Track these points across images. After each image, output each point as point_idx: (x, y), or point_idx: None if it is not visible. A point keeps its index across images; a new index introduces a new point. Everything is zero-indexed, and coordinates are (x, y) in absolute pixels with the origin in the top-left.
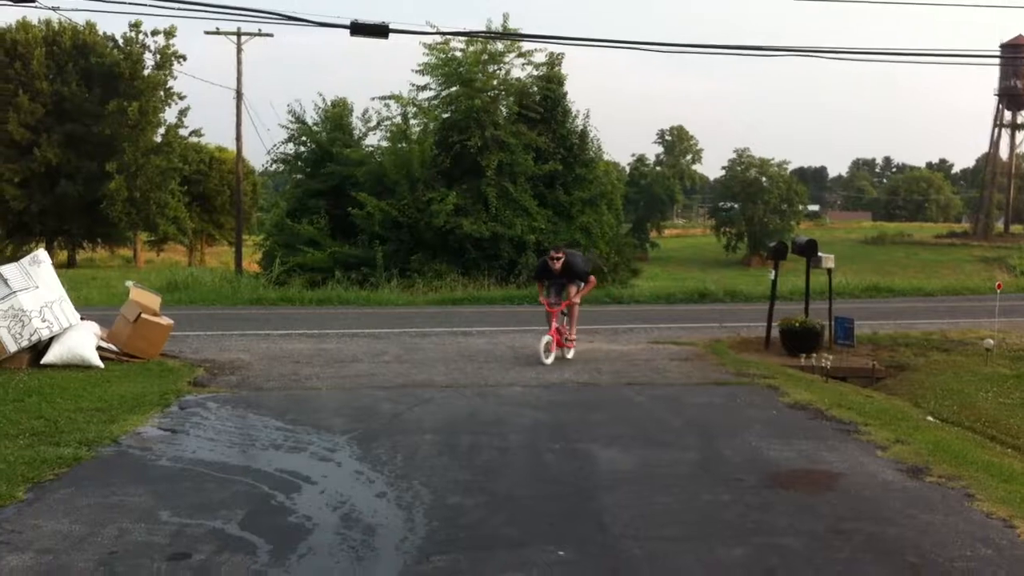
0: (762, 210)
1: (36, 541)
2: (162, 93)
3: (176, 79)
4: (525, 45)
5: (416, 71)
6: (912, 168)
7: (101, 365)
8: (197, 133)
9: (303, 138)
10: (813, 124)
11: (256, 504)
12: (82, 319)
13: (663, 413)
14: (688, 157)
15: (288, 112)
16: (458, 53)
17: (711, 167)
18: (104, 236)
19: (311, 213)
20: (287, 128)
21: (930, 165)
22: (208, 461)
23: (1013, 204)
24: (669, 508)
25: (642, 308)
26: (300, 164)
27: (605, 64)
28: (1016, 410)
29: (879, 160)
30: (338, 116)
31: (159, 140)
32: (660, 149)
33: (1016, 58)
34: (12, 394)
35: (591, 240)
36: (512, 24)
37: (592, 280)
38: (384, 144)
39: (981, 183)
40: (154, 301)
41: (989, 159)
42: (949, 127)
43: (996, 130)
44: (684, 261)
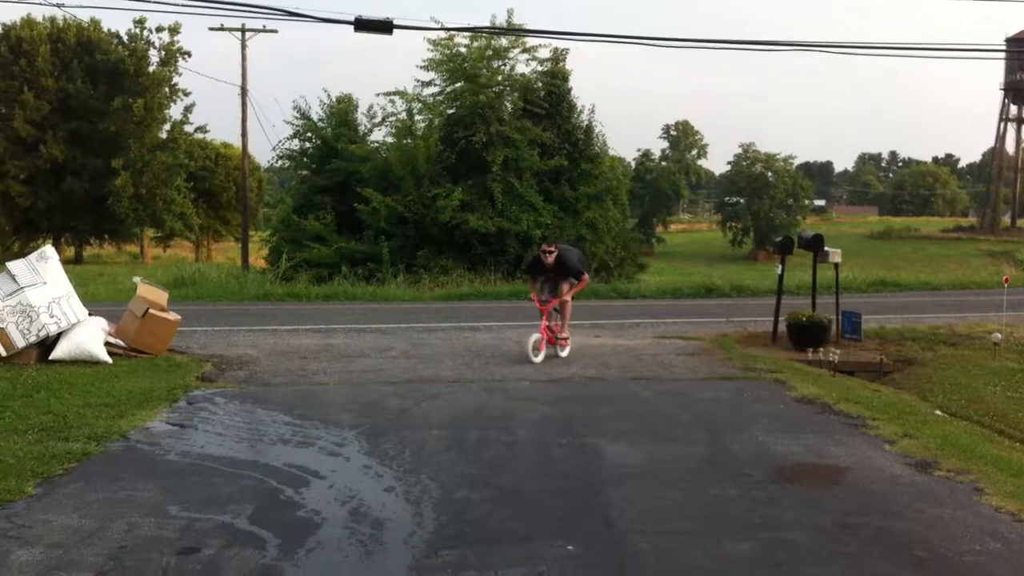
0: (768, 205)
1: (46, 536)
2: (167, 89)
3: (181, 75)
4: (529, 41)
5: (421, 67)
6: (918, 162)
7: (109, 360)
8: (202, 129)
9: (308, 134)
10: (819, 119)
11: (265, 499)
12: (90, 315)
13: (670, 408)
14: (693, 152)
15: (293, 108)
16: (463, 49)
17: (717, 162)
18: (111, 232)
19: (317, 209)
20: (292, 124)
21: (936, 159)
22: (216, 456)
23: (1020, 198)
24: (676, 503)
25: (648, 303)
26: (306, 160)
27: (610, 59)
28: None
29: (885, 154)
30: (343, 112)
31: (165, 136)
32: (665, 144)
33: (1022, 52)
34: (21, 389)
35: (597, 235)
36: (516, 20)
37: (585, 278)
38: (389, 140)
39: (987, 177)
40: (161, 297)
41: (995, 153)
42: (955, 121)
43: (1002, 124)
44: (690, 256)
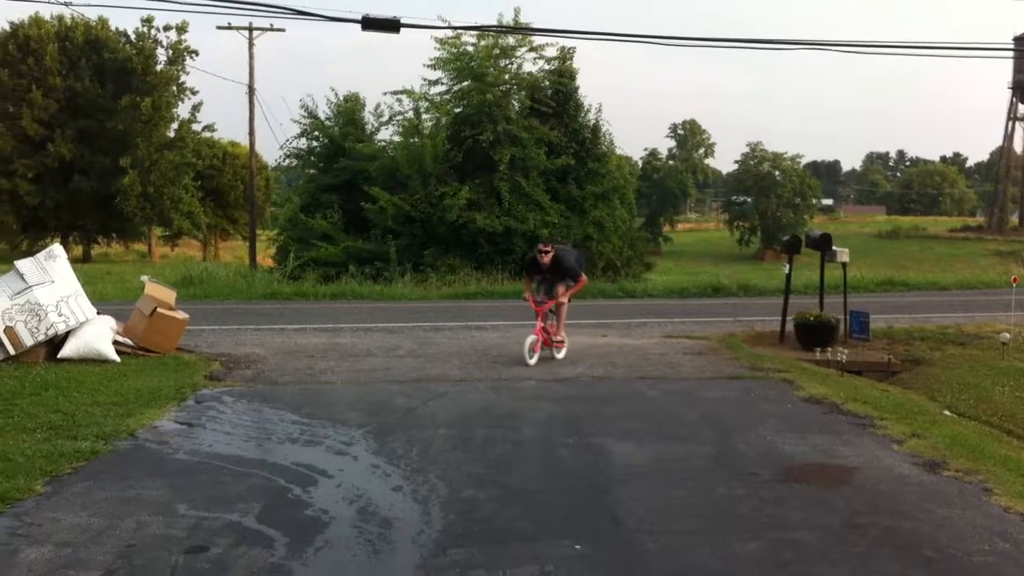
0: (775, 204)
1: (55, 534)
2: (175, 88)
3: (188, 74)
4: (537, 39)
5: (428, 66)
6: (926, 162)
7: (117, 359)
8: (210, 128)
9: (316, 133)
10: (826, 118)
11: (273, 497)
12: (98, 313)
13: (677, 407)
14: (701, 151)
15: (301, 107)
16: (470, 48)
17: (724, 161)
18: (118, 231)
19: (324, 208)
20: (300, 123)
21: (944, 159)
22: (225, 455)
23: None
24: (684, 502)
25: (655, 302)
26: (313, 159)
27: (617, 58)
28: None
29: (893, 154)
30: (350, 111)
31: (172, 135)
32: (673, 143)
33: None
34: (29, 388)
35: (604, 234)
36: (523, 18)
37: (583, 279)
38: (396, 139)
39: (995, 177)
40: (169, 296)
41: (1003, 153)
42: (963, 120)
43: (1010, 123)
44: (697, 255)
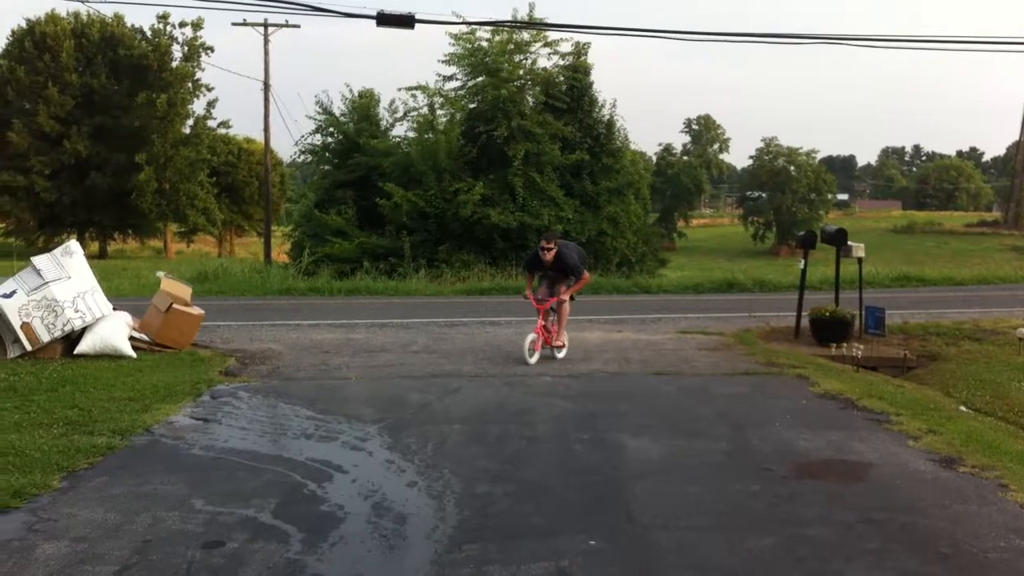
0: (790, 199)
1: (71, 529)
2: (190, 85)
3: (204, 71)
4: (551, 34)
5: (442, 61)
6: (942, 156)
7: (133, 355)
8: (225, 124)
9: (330, 129)
10: (841, 112)
11: (288, 493)
12: (114, 309)
13: (692, 403)
14: (715, 146)
15: (315, 103)
16: (484, 43)
17: (738, 156)
18: (134, 227)
19: (339, 204)
20: (314, 119)
21: (960, 153)
22: (240, 450)
23: None
24: (698, 498)
25: (670, 298)
26: (327, 155)
27: (631, 53)
28: None
29: (908, 148)
30: (365, 107)
31: (188, 132)
32: (687, 138)
33: None
34: (46, 383)
35: (618, 230)
36: (538, 13)
37: (585, 276)
38: (411, 135)
39: (1012, 171)
40: (185, 291)
41: (1020, 147)
42: (979, 115)
43: None
44: (711, 251)
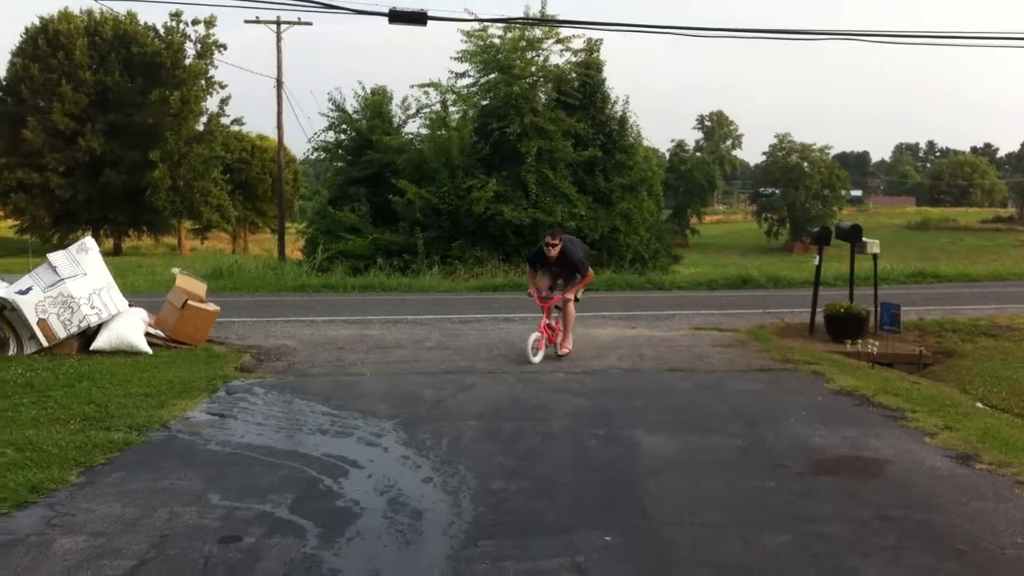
0: (804, 196)
1: (89, 524)
2: (203, 82)
3: (217, 68)
4: (563, 31)
5: (455, 58)
6: (956, 152)
7: (149, 351)
8: (239, 122)
9: (343, 126)
10: (855, 109)
11: (304, 488)
12: (130, 306)
13: (706, 399)
14: (728, 143)
15: (328, 100)
16: (496, 40)
17: (751, 152)
18: (149, 224)
19: (352, 201)
20: (327, 116)
21: (975, 149)
22: (256, 445)
23: None
24: (714, 494)
25: (683, 294)
26: (341, 152)
27: (644, 50)
28: None
29: (922, 144)
30: (378, 104)
31: (201, 129)
32: (700, 135)
33: None
34: (63, 379)
35: (631, 226)
36: (550, 10)
37: (590, 273)
38: (423, 131)
39: None
40: (200, 288)
41: None
42: (994, 110)
43: None
44: (725, 247)
